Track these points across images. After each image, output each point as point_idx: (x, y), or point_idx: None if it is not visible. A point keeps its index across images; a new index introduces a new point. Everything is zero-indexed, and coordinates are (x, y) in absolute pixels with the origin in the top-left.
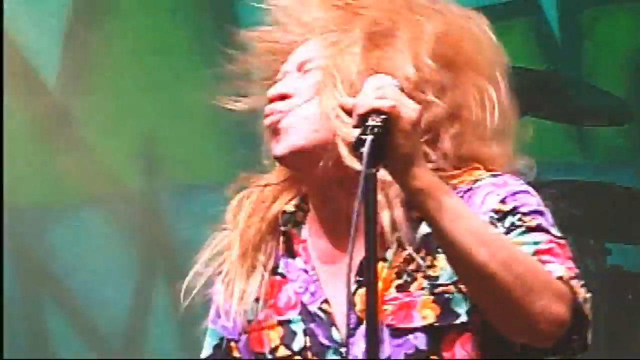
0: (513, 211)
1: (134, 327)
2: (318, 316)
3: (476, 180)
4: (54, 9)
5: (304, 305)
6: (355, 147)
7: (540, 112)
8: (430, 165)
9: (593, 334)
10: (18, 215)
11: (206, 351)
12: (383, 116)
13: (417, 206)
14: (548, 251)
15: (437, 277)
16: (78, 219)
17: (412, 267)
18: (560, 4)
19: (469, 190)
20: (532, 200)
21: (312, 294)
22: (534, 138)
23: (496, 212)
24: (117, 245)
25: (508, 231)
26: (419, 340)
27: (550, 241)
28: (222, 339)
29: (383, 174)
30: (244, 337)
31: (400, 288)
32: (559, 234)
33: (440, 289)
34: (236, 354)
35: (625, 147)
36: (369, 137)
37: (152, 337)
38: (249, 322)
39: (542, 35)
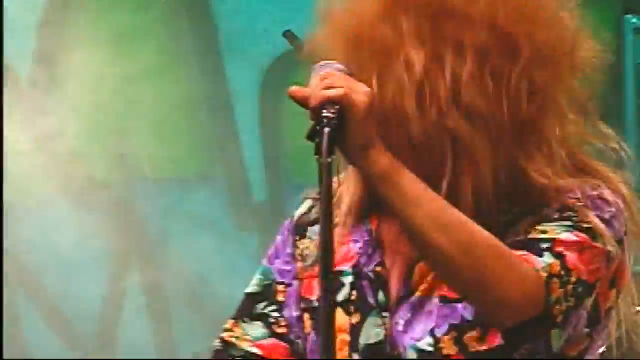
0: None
1: (108, 318)
2: (369, 277)
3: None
4: (28, 2)
5: (359, 265)
6: (310, 137)
7: None
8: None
9: None
10: None
11: (254, 287)
12: (337, 106)
13: (376, 190)
14: (566, 243)
15: None
16: (51, 212)
17: None
18: None
19: None
20: (606, 209)
21: (369, 257)
22: None
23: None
24: (91, 238)
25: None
26: (468, 311)
27: (584, 241)
28: (273, 279)
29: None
30: (296, 283)
31: None
32: (605, 246)
33: None
34: (281, 297)
35: None
36: (326, 130)
37: (126, 327)
38: (305, 269)
39: None
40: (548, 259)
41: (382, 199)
